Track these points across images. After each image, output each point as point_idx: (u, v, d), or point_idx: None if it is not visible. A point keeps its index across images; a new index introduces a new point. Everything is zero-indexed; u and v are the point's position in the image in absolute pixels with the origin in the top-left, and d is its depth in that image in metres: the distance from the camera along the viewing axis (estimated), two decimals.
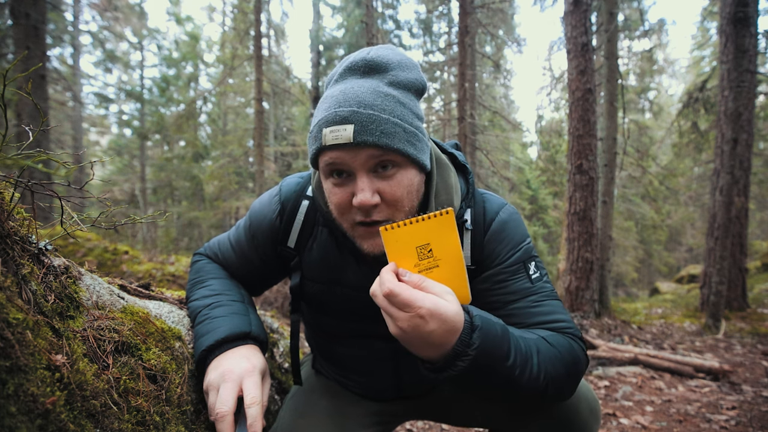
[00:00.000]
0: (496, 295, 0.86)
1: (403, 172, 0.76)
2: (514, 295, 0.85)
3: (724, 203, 5.41)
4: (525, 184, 19.66)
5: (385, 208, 0.76)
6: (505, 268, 0.86)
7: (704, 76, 10.21)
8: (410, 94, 0.78)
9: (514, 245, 0.88)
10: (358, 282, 0.90)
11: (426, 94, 0.84)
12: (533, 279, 0.86)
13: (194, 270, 1.03)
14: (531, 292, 0.85)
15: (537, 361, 0.71)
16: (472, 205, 0.90)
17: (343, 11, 13.99)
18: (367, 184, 0.74)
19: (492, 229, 0.88)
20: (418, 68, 0.82)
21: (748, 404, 2.67)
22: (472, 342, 0.63)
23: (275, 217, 0.94)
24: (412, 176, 0.77)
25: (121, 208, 0.93)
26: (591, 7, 6.06)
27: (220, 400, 0.70)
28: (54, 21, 12.19)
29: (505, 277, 0.86)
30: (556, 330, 0.81)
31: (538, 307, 0.84)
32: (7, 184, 0.67)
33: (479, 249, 0.88)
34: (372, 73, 0.76)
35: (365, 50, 0.80)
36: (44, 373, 0.50)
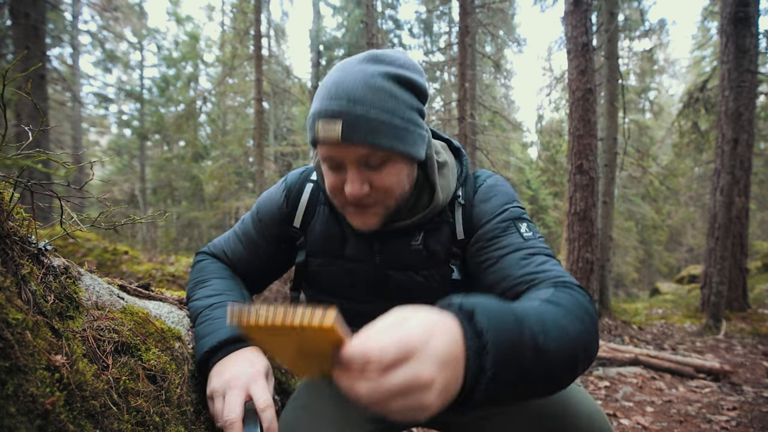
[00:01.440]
0: (487, 252, 0.84)
1: (392, 164, 0.77)
2: (506, 249, 0.81)
3: (725, 203, 5.41)
4: (525, 184, 19.67)
5: (376, 196, 0.79)
6: (495, 224, 0.85)
7: (705, 76, 10.21)
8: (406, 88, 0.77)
9: (501, 204, 0.88)
10: (354, 253, 0.93)
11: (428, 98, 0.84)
12: (525, 237, 0.83)
13: (196, 269, 1.03)
14: (523, 246, 0.81)
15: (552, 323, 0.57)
16: (464, 184, 0.94)
17: (343, 11, 14.00)
18: (357, 176, 0.76)
19: (479, 192, 0.91)
20: (422, 73, 0.81)
21: (749, 405, 2.66)
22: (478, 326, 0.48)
23: (282, 200, 0.99)
24: (402, 167, 0.79)
25: (121, 209, 0.93)
26: (591, 7, 6.06)
27: (228, 408, 0.70)
28: (53, 21, 12.20)
29: (496, 234, 0.84)
30: (553, 281, 0.73)
31: (531, 258, 0.79)
32: (7, 184, 0.67)
33: (469, 217, 0.90)
34: (371, 62, 0.77)
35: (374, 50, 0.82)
36: (44, 374, 0.50)
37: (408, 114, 0.76)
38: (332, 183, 0.81)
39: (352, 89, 0.72)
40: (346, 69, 0.76)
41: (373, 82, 0.73)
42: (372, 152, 0.74)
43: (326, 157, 0.78)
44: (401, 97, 0.75)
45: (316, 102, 0.76)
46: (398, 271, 0.93)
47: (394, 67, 0.76)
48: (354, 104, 0.71)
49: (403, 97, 0.76)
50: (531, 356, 0.51)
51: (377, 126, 0.72)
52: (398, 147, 0.75)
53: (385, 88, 0.73)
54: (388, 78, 0.74)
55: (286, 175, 1.05)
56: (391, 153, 0.76)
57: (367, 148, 0.73)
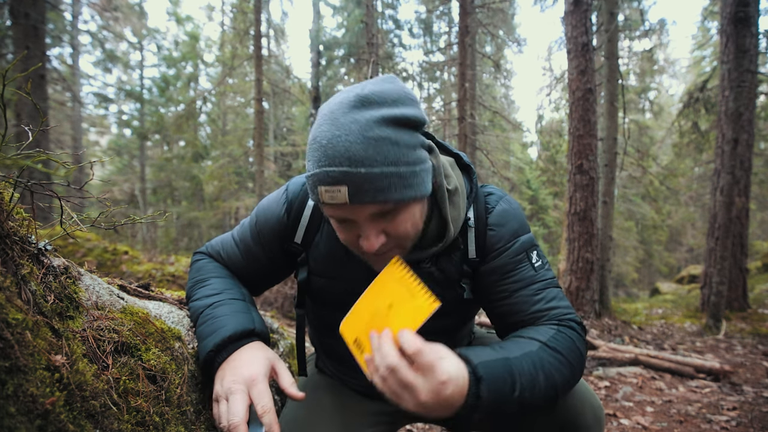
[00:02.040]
0: (503, 285, 0.89)
1: (405, 211, 0.76)
2: (519, 283, 0.88)
3: (725, 203, 5.41)
4: (525, 184, 19.67)
5: (392, 243, 0.78)
6: (509, 258, 0.89)
7: (705, 76, 10.21)
8: (405, 129, 0.73)
9: (514, 232, 0.90)
10: (362, 275, 0.90)
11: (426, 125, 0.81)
12: (536, 267, 0.89)
13: (195, 269, 1.02)
14: (535, 280, 0.88)
15: (543, 376, 0.73)
16: (475, 203, 0.92)
17: (343, 11, 13.99)
18: (371, 230, 0.74)
19: (493, 219, 0.91)
20: (417, 104, 0.77)
21: (749, 405, 2.66)
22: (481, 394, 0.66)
23: (283, 214, 0.95)
24: (415, 210, 0.78)
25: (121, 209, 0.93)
26: (591, 7, 6.06)
27: (231, 412, 0.70)
28: (53, 21, 12.20)
29: (511, 267, 0.88)
30: (557, 318, 0.84)
31: (541, 294, 0.87)
32: (7, 184, 0.67)
33: (482, 240, 0.90)
34: (363, 108, 0.70)
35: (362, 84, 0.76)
36: (44, 374, 0.50)
37: (412, 156, 0.73)
38: (346, 238, 0.79)
39: (350, 149, 0.67)
40: (337, 121, 0.70)
41: (371, 134, 0.68)
42: (383, 208, 0.72)
43: (334, 216, 0.76)
44: (402, 141, 0.71)
45: (313, 163, 0.71)
46: None
47: (386, 107, 0.71)
48: (356, 166, 0.67)
49: (404, 140, 0.72)
50: (515, 408, 0.70)
51: (384, 183, 0.69)
52: (408, 195, 0.73)
53: (383, 137, 0.69)
54: (385, 124, 0.70)
55: (287, 183, 1.01)
56: (402, 203, 0.74)
57: (378, 205, 0.71)
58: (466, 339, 1.11)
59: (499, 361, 0.71)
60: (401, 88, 0.76)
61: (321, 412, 1.00)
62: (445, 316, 0.95)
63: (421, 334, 0.95)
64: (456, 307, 0.95)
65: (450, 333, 1.01)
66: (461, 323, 1.01)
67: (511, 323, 0.90)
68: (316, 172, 0.70)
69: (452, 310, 0.95)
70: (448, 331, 1.00)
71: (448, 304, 0.93)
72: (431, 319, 0.91)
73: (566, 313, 0.86)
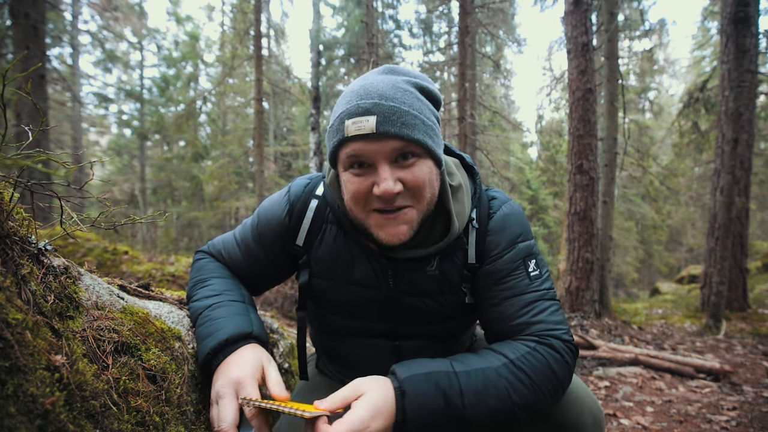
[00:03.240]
0: (494, 291, 0.88)
1: (422, 161, 0.78)
2: (509, 291, 0.87)
3: (725, 203, 5.41)
4: (525, 184, 19.65)
5: (407, 195, 0.79)
6: (504, 264, 0.88)
7: (705, 76, 10.21)
8: (426, 97, 0.82)
9: (514, 237, 0.89)
10: (365, 278, 0.90)
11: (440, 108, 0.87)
12: (532, 276, 0.88)
13: (195, 268, 1.02)
14: (527, 290, 0.87)
15: (495, 393, 0.74)
16: (478, 205, 0.92)
17: (343, 11, 13.99)
18: (390, 173, 0.76)
19: (494, 223, 0.90)
20: (434, 85, 0.85)
21: (749, 405, 2.66)
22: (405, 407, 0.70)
23: (284, 216, 0.95)
24: (431, 166, 0.80)
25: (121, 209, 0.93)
26: (591, 7, 6.06)
27: (220, 417, 0.70)
28: (53, 21, 12.19)
29: (505, 274, 0.88)
30: (538, 335, 0.83)
31: (530, 306, 0.86)
32: (7, 184, 0.67)
33: (482, 243, 0.90)
34: (391, 73, 0.81)
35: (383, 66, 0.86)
36: (44, 374, 0.50)
37: (432, 117, 0.81)
38: (357, 188, 0.79)
39: (381, 89, 0.76)
40: (368, 78, 0.80)
41: (400, 86, 0.77)
42: (405, 145, 0.75)
43: (355, 155, 0.77)
44: (425, 102, 0.80)
45: (342, 106, 0.77)
46: (412, 296, 0.91)
47: (412, 77, 0.81)
48: (386, 100, 0.74)
49: (425, 102, 0.80)
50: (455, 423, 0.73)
51: (410, 119, 0.75)
52: (429, 142, 0.77)
53: (410, 90, 0.78)
54: (412, 85, 0.80)
55: (290, 184, 1.00)
56: (422, 149, 0.77)
57: (402, 140, 0.74)
58: (468, 342, 1.11)
59: (429, 376, 0.74)
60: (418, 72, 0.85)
61: None
62: (448, 321, 0.95)
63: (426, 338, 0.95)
64: (458, 312, 0.95)
65: (453, 336, 1.01)
66: (464, 327, 1.01)
67: (496, 332, 0.90)
68: (346, 108, 0.76)
69: (454, 314, 0.95)
70: (451, 335, 1.00)
71: (451, 309, 0.93)
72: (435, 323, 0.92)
73: (550, 330, 0.84)
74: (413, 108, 0.76)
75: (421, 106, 0.78)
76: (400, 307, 0.92)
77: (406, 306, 0.91)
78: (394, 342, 0.96)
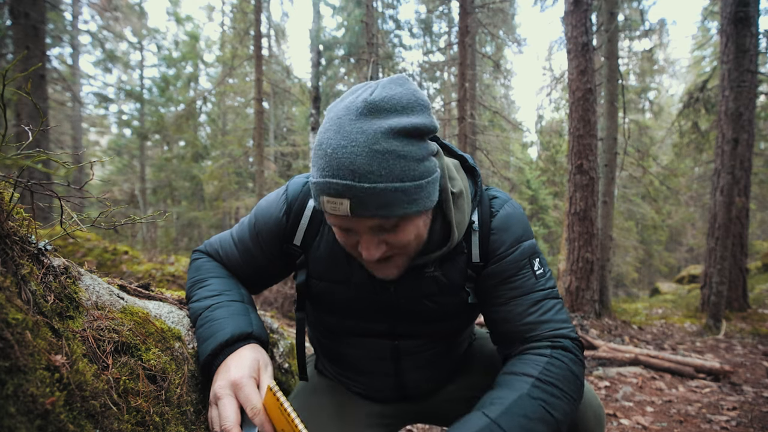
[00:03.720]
0: (501, 291, 0.88)
1: (407, 224, 0.75)
2: (517, 291, 0.87)
3: (725, 203, 5.41)
4: (525, 184, 19.65)
5: (394, 252, 0.78)
6: (510, 263, 0.88)
7: (705, 76, 10.22)
8: (413, 139, 0.70)
9: (517, 237, 0.89)
10: (363, 279, 0.90)
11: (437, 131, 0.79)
12: (537, 275, 0.88)
13: (193, 268, 1.01)
14: (534, 288, 0.87)
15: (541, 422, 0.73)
16: (479, 205, 0.91)
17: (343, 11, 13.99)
18: (372, 242, 0.74)
19: (496, 222, 0.90)
20: (428, 109, 0.74)
21: (749, 405, 2.66)
22: None
23: (282, 216, 0.94)
24: (419, 222, 0.76)
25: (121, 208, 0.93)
26: (591, 7, 6.06)
27: (222, 416, 0.70)
28: (53, 21, 12.18)
29: (511, 273, 0.88)
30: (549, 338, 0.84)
31: (537, 305, 0.86)
32: (7, 184, 0.67)
33: (485, 243, 0.90)
34: (371, 116, 0.68)
35: (371, 86, 0.72)
36: (44, 374, 0.50)
37: (419, 169, 0.70)
38: (345, 243, 0.79)
39: (355, 162, 0.65)
40: (344, 129, 0.67)
41: (377, 147, 0.66)
42: (385, 222, 0.71)
43: (335, 225, 0.76)
44: (410, 154, 0.69)
45: (317, 170, 0.70)
46: (410, 298, 0.90)
47: (395, 116, 0.68)
48: (360, 180, 0.65)
49: (411, 153, 0.69)
50: None
51: (387, 199, 0.67)
52: (412, 210, 0.71)
53: (390, 150, 0.66)
54: (392, 135, 0.67)
55: (287, 182, 0.99)
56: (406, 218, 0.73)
57: (379, 220, 0.71)
58: (467, 341, 1.11)
59: None
60: (412, 93, 0.72)
61: (321, 413, 1.00)
62: (449, 320, 0.95)
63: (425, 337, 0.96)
64: (460, 312, 0.94)
65: (453, 335, 1.01)
66: (463, 326, 1.01)
67: (503, 332, 0.89)
68: (319, 181, 0.69)
69: (456, 314, 0.95)
70: (451, 334, 1.00)
71: (453, 309, 0.93)
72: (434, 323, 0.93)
73: (559, 329, 0.84)
74: (392, 178, 0.66)
75: (403, 169, 0.67)
76: (399, 308, 0.91)
77: (405, 307, 0.91)
78: (393, 341, 0.96)
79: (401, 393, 1.04)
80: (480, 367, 1.08)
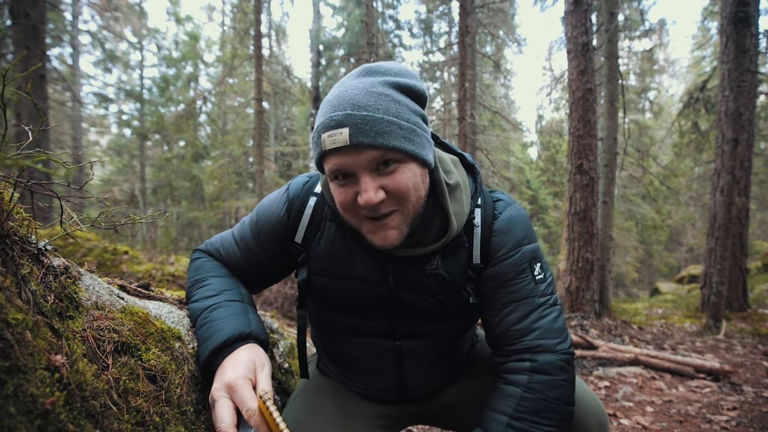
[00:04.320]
0: (498, 293, 0.89)
1: (404, 166, 0.76)
2: (514, 295, 0.88)
3: (725, 203, 5.41)
4: (525, 184, 19.65)
5: (391, 201, 0.78)
6: (510, 266, 0.88)
7: (705, 76, 10.22)
8: (406, 95, 0.78)
9: (519, 240, 0.89)
10: (365, 275, 0.90)
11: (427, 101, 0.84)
12: (537, 281, 0.88)
13: (193, 268, 1.01)
14: (532, 294, 0.87)
15: None
16: (481, 205, 0.91)
17: (343, 11, 13.99)
18: (370, 183, 0.75)
19: (499, 225, 0.90)
20: (417, 78, 0.82)
21: (749, 405, 2.66)
22: None
23: (283, 213, 0.95)
24: (414, 170, 0.78)
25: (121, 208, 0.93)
26: (591, 7, 6.06)
27: (217, 419, 0.70)
28: (53, 21, 12.19)
29: (511, 277, 0.88)
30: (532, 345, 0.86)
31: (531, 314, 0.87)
32: (7, 184, 0.67)
33: (486, 244, 0.89)
34: (368, 74, 0.78)
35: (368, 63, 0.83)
36: (44, 374, 0.50)
37: (413, 117, 0.77)
38: (344, 198, 0.79)
39: (354, 97, 0.73)
40: (344, 84, 0.77)
41: (374, 90, 0.74)
42: (382, 154, 0.73)
43: (335, 169, 0.76)
44: (404, 102, 0.76)
45: (319, 118, 0.76)
46: (412, 293, 0.91)
47: (390, 76, 0.78)
48: (359, 109, 0.72)
49: (405, 102, 0.77)
50: None
51: (384, 127, 0.72)
52: (408, 147, 0.75)
53: (386, 93, 0.75)
54: (388, 85, 0.76)
55: (289, 181, 1.00)
56: (401, 154, 0.75)
57: (377, 150, 0.73)
58: (469, 342, 1.11)
59: None
60: (404, 66, 0.81)
61: (322, 413, 1.00)
62: (451, 320, 0.95)
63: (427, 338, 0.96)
64: (459, 311, 0.94)
65: (455, 337, 1.01)
66: (465, 326, 1.01)
67: (494, 335, 0.91)
68: (321, 120, 0.75)
69: (457, 314, 0.95)
70: (453, 335, 1.00)
71: (454, 308, 0.93)
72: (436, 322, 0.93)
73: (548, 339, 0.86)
74: (388, 113, 0.73)
75: (398, 109, 0.75)
76: (400, 304, 0.91)
77: (406, 303, 0.91)
78: (394, 342, 0.96)
79: (403, 394, 1.04)
80: (482, 369, 1.07)
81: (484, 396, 0.90)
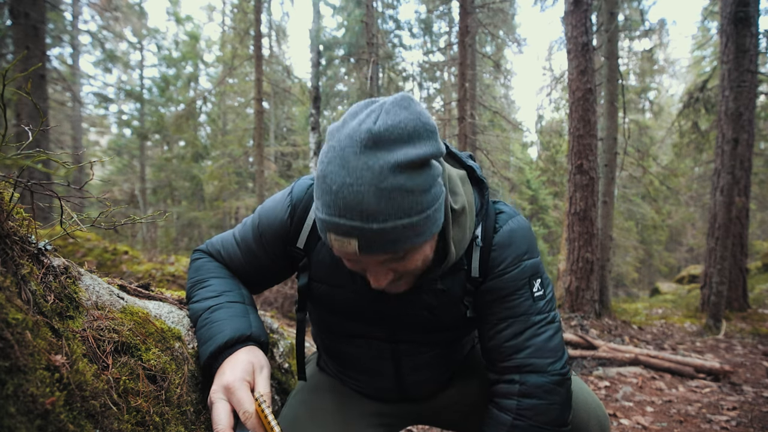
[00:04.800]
0: (495, 308, 0.88)
1: (415, 251, 0.73)
2: (511, 311, 0.86)
3: (725, 203, 5.41)
4: (525, 184, 19.65)
5: (400, 277, 0.78)
6: (508, 281, 0.86)
7: (705, 76, 10.22)
8: (419, 169, 0.66)
9: (519, 256, 0.87)
10: (364, 288, 0.89)
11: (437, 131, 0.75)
12: (536, 297, 0.87)
13: (194, 268, 1.01)
14: (528, 311, 0.86)
15: None
16: (484, 219, 0.89)
17: (343, 11, 13.99)
18: (381, 273, 0.74)
19: (499, 238, 0.88)
20: (434, 134, 0.70)
21: (749, 405, 2.66)
22: None
23: (286, 217, 0.93)
24: (426, 248, 0.75)
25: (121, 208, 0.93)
26: (591, 7, 6.06)
27: (214, 421, 0.70)
28: (53, 21, 12.18)
29: (508, 292, 0.86)
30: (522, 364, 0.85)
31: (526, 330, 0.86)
32: (7, 184, 0.67)
33: (486, 258, 0.88)
34: (377, 148, 0.63)
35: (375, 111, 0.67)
36: (44, 374, 0.50)
37: (427, 200, 0.67)
38: (352, 269, 0.79)
39: (362, 202, 0.63)
40: (349, 165, 0.63)
41: (385, 185, 0.63)
42: (394, 255, 0.71)
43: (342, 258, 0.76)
44: (417, 187, 0.65)
45: (323, 206, 0.67)
46: (410, 308, 0.90)
47: (401, 146, 0.64)
48: (368, 221, 0.63)
49: (418, 185, 0.66)
50: None
51: (396, 235, 0.66)
52: (419, 241, 0.69)
53: (397, 186, 0.63)
54: (399, 170, 0.63)
55: (292, 184, 0.98)
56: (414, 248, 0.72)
57: (389, 253, 0.69)
58: (469, 344, 1.11)
59: None
60: (417, 117, 0.67)
61: (322, 411, 1.00)
62: (449, 331, 0.95)
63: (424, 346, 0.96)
64: (457, 324, 0.94)
65: (452, 344, 1.01)
66: (463, 334, 1.01)
67: (488, 348, 0.90)
68: (326, 219, 0.67)
69: (454, 326, 0.95)
70: (450, 342, 1.00)
71: (452, 321, 0.93)
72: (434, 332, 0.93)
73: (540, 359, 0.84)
74: (400, 214, 0.64)
75: (411, 203, 0.65)
76: (399, 316, 0.91)
77: (405, 316, 0.91)
78: (390, 344, 0.96)
79: (401, 392, 1.04)
80: (482, 371, 1.07)
81: (483, 397, 0.90)
